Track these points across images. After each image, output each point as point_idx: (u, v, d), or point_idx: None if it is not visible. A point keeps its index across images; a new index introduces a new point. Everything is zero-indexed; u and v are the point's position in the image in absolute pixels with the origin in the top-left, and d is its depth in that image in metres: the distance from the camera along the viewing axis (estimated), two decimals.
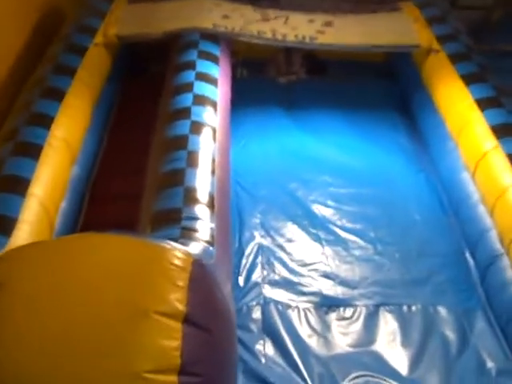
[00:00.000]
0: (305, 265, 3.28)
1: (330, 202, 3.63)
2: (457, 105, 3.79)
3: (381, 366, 2.84)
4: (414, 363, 2.85)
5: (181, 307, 1.85)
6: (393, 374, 2.80)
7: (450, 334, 2.97)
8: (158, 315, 1.80)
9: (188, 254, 2.11)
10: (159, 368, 1.73)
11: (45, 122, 3.26)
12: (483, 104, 3.64)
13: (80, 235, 2.52)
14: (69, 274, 1.91)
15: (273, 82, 4.68)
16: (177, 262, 1.97)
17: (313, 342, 2.92)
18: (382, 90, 4.62)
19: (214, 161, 3.19)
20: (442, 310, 3.07)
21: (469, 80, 3.83)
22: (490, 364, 2.86)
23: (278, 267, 3.25)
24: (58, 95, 3.46)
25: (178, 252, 2.03)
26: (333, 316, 3.05)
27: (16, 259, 2.05)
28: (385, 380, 2.77)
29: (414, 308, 3.08)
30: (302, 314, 3.04)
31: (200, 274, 2.04)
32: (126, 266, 1.94)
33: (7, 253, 2.25)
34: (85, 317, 1.80)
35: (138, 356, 1.73)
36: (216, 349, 1.92)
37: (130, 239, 2.16)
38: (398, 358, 2.87)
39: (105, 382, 1.70)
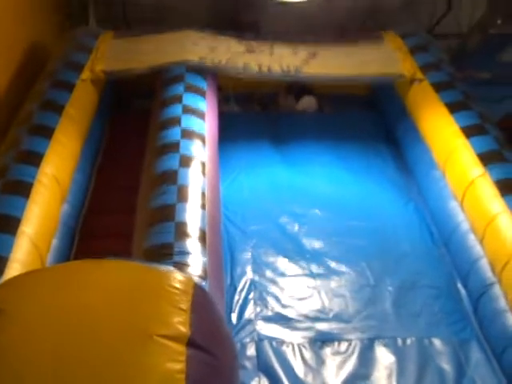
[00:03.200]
0: (298, 300, 3.26)
1: (320, 235, 3.62)
2: (442, 133, 3.80)
3: None
4: None
5: (184, 330, 1.85)
6: None
7: (446, 366, 2.97)
8: (162, 338, 1.80)
9: (189, 278, 2.11)
10: None
11: (34, 159, 3.24)
12: (469, 131, 3.64)
13: (78, 261, 2.48)
14: (69, 299, 1.91)
15: (260, 115, 4.68)
16: (178, 285, 1.97)
17: (308, 379, 2.90)
18: (368, 121, 4.64)
19: (203, 195, 3.18)
20: (437, 342, 3.07)
21: (453, 108, 3.84)
22: None
23: (271, 303, 3.23)
24: (46, 132, 3.44)
25: (179, 275, 2.02)
26: (327, 351, 3.03)
27: (16, 286, 2.04)
28: None
29: (408, 341, 3.07)
30: (297, 349, 3.02)
31: (202, 297, 2.03)
32: (127, 289, 1.94)
33: (7, 281, 2.22)
34: (87, 341, 1.79)
35: (143, 380, 1.73)
36: (220, 373, 1.91)
37: (129, 264, 2.15)
38: None
39: None
